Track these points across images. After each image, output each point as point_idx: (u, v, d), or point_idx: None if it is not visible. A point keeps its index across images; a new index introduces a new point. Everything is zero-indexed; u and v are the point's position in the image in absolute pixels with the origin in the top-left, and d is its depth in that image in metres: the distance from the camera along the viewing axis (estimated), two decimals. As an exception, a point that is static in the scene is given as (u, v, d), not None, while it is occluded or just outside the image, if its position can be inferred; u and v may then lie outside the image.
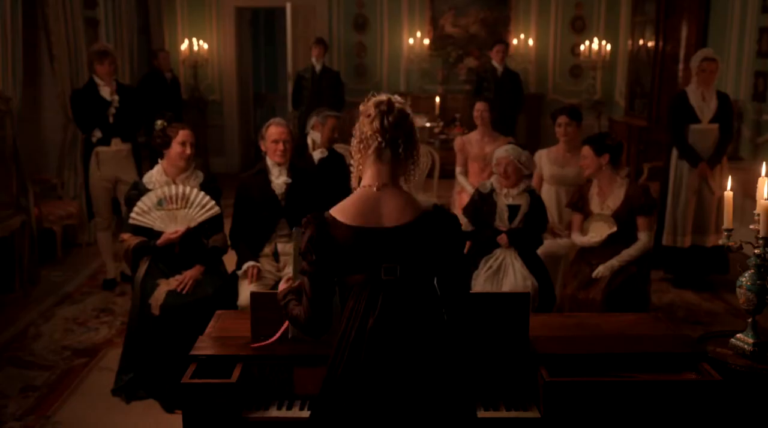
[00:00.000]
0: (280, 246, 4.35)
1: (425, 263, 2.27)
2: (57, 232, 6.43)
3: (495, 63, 8.51)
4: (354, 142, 2.36)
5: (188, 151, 4.11)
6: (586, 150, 4.48)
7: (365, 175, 2.33)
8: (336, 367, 2.25)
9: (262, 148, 4.36)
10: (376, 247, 2.23)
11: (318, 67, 8.67)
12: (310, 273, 2.28)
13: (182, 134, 4.11)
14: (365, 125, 2.30)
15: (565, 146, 5.19)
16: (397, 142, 2.28)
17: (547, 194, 5.19)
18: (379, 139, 2.27)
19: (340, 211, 2.29)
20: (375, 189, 2.30)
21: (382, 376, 2.21)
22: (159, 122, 4.13)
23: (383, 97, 2.33)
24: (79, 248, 6.89)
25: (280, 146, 4.26)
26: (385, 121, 2.26)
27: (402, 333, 2.23)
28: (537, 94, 10.29)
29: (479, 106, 5.84)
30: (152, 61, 9.04)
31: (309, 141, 5.27)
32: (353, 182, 2.40)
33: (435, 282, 2.33)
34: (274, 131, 4.29)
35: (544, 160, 5.25)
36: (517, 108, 8.59)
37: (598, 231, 4.40)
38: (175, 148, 4.10)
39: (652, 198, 4.50)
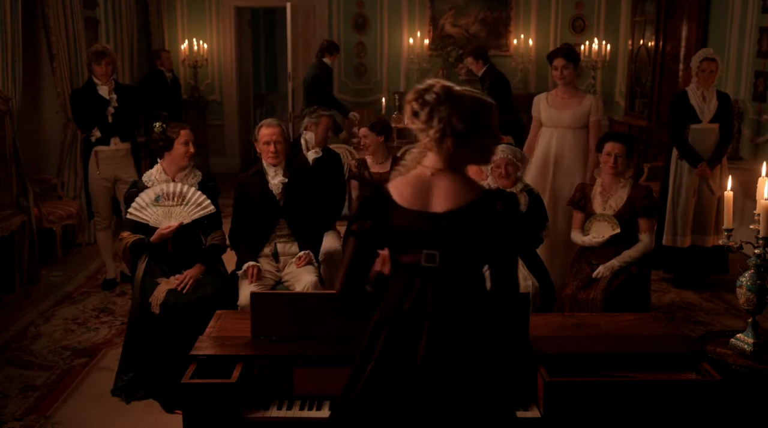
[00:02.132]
0: (279, 247, 4.35)
1: (469, 251, 2.20)
2: (57, 232, 6.42)
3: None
4: (418, 122, 2.27)
5: (192, 149, 4.17)
6: (621, 148, 4.41)
7: (426, 158, 2.27)
8: (371, 347, 2.23)
9: (257, 149, 4.37)
10: (419, 232, 2.20)
11: None
12: (358, 238, 2.26)
13: (184, 134, 4.14)
14: (431, 112, 2.24)
15: (563, 89, 5.16)
16: (461, 129, 2.20)
17: (544, 138, 5.20)
18: (441, 125, 2.21)
19: (395, 189, 2.28)
20: (430, 172, 2.25)
21: (413, 364, 2.16)
22: (157, 125, 4.14)
23: (444, 82, 2.34)
24: (79, 248, 6.89)
25: (272, 148, 4.26)
26: (447, 108, 2.23)
27: (435, 321, 2.16)
28: (537, 94, 10.26)
29: None
30: (155, 61, 9.03)
31: (302, 142, 5.25)
32: (410, 162, 2.32)
33: (484, 270, 2.25)
34: (265, 133, 4.29)
35: (543, 103, 5.26)
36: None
37: (600, 232, 4.40)
38: (179, 148, 4.14)
39: (655, 200, 4.50)
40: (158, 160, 4.25)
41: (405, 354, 2.17)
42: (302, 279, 4.14)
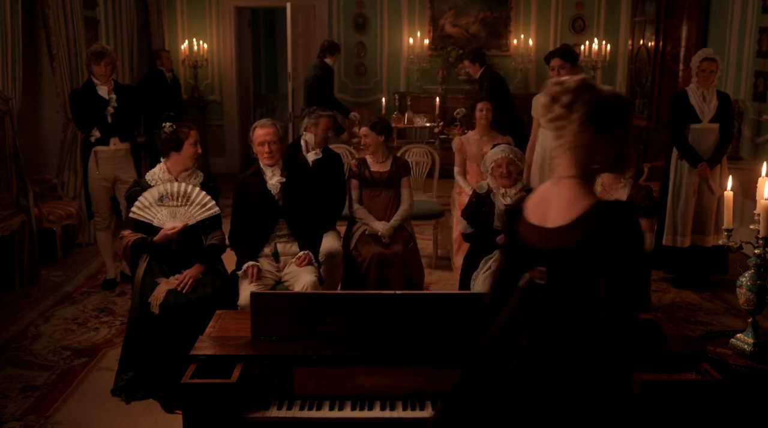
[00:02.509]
0: (279, 247, 4.35)
1: (582, 267, 2.02)
2: (57, 232, 6.42)
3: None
4: (557, 111, 2.09)
5: (199, 150, 4.22)
6: None
7: (560, 166, 2.13)
8: (487, 354, 2.19)
9: (254, 149, 4.38)
10: (535, 248, 2.12)
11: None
12: (501, 250, 2.36)
13: (193, 135, 4.20)
14: (561, 112, 2.08)
15: None
16: (602, 116, 2.04)
17: (541, 138, 5.26)
18: (583, 110, 2.04)
19: (529, 202, 2.21)
20: (553, 181, 2.15)
21: (505, 374, 2.09)
22: (167, 125, 4.15)
23: (584, 79, 2.10)
24: (79, 248, 6.89)
25: (266, 148, 4.27)
26: (588, 94, 2.05)
27: (535, 337, 2.07)
28: (537, 94, 10.27)
29: (482, 105, 5.82)
30: (155, 61, 9.03)
31: (303, 143, 5.24)
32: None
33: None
34: (260, 133, 4.30)
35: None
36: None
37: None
38: (188, 149, 4.17)
39: (655, 200, 4.49)
40: (162, 159, 4.25)
41: (501, 363, 2.11)
42: (301, 279, 4.14)
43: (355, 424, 2.72)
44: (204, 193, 4.13)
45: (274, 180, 4.30)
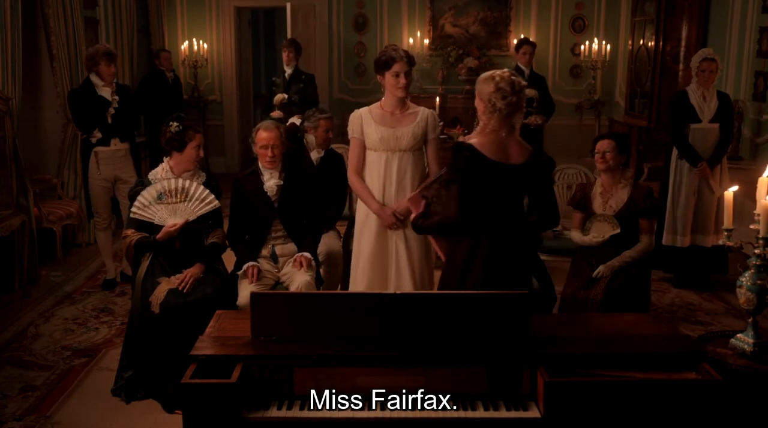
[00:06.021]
0: (277, 248, 4.34)
1: (527, 189, 3.35)
2: (57, 232, 6.42)
3: (521, 65, 7.34)
4: (482, 106, 3.27)
5: (201, 153, 4.23)
6: (610, 144, 4.41)
7: (494, 126, 3.26)
8: (475, 249, 3.31)
9: (254, 150, 4.37)
10: (504, 178, 3.23)
11: (289, 71, 7.83)
12: (461, 185, 3.20)
13: (198, 138, 4.22)
14: (497, 100, 3.21)
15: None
16: (519, 108, 3.26)
17: None
18: (509, 108, 3.22)
19: (481, 146, 3.23)
20: (503, 134, 3.27)
21: (510, 257, 3.32)
22: (174, 125, 4.16)
23: (509, 75, 3.26)
24: (79, 248, 6.89)
25: (269, 152, 4.24)
26: (515, 98, 3.24)
27: (515, 234, 3.33)
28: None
29: None
30: (154, 61, 9.03)
31: (306, 142, 5.30)
32: (478, 132, 3.35)
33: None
34: (263, 136, 4.28)
35: None
36: (547, 116, 7.40)
37: (601, 232, 4.40)
38: (190, 151, 4.19)
39: (656, 201, 4.50)
40: (165, 158, 4.25)
41: (502, 256, 3.30)
42: (296, 279, 4.13)
43: (355, 424, 2.72)
44: (202, 187, 4.14)
45: (271, 182, 4.30)
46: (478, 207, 3.25)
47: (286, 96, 7.67)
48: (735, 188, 3.47)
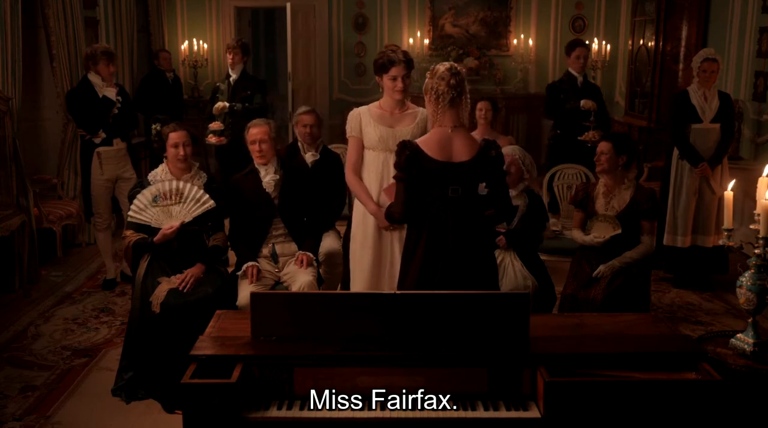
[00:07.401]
0: (278, 247, 4.35)
1: (478, 183, 3.41)
2: (57, 232, 6.42)
3: (573, 71, 6.62)
4: (428, 98, 3.39)
5: (182, 152, 4.18)
6: (606, 146, 4.41)
7: (441, 120, 3.37)
8: (418, 240, 3.40)
9: (248, 148, 4.39)
10: (447, 176, 3.32)
11: (234, 76, 6.92)
12: (405, 182, 3.33)
13: (172, 137, 4.19)
14: (440, 84, 3.32)
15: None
16: (462, 94, 3.35)
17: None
18: (453, 92, 3.32)
19: (425, 145, 3.35)
20: (449, 129, 3.37)
21: (449, 250, 3.34)
22: (153, 127, 4.18)
23: (448, 64, 3.40)
24: (79, 248, 6.89)
25: (257, 147, 4.29)
26: (454, 80, 3.31)
27: (463, 227, 3.36)
28: (537, 94, 10.27)
29: (482, 105, 5.81)
30: (154, 61, 9.02)
31: (299, 145, 5.26)
32: (429, 126, 3.56)
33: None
34: (252, 132, 4.33)
35: None
36: (605, 131, 6.30)
37: (602, 232, 4.39)
38: (169, 150, 4.20)
39: (657, 202, 4.50)
40: (164, 159, 4.28)
41: (440, 249, 3.34)
42: (298, 279, 4.14)
43: (355, 424, 2.73)
44: (197, 188, 4.13)
45: (267, 178, 4.31)
46: (421, 202, 3.37)
47: (227, 104, 6.69)
48: (733, 182, 3.47)
